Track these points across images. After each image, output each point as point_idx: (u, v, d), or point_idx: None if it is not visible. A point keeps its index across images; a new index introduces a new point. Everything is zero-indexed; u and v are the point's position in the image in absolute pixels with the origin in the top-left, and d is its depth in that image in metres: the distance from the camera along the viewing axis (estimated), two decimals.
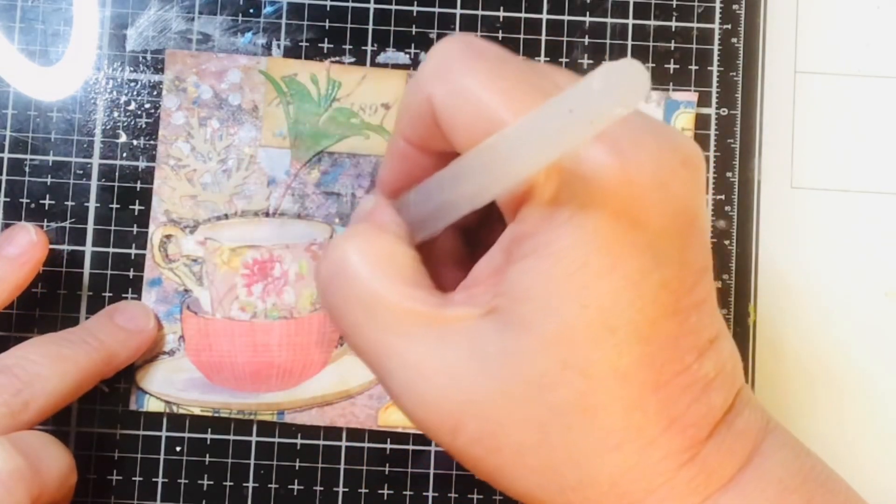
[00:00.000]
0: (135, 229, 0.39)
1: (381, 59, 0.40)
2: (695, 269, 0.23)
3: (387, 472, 0.39)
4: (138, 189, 0.39)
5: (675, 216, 0.23)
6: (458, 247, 0.28)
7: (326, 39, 0.40)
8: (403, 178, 0.27)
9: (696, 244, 0.23)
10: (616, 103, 0.19)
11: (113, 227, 0.39)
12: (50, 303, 0.39)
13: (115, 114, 0.40)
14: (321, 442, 0.39)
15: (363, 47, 0.40)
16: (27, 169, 0.39)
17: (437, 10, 0.40)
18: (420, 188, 0.26)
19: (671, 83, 0.40)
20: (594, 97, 0.20)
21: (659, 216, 0.22)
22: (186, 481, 0.39)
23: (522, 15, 0.41)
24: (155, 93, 0.40)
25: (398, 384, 0.24)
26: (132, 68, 0.40)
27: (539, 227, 0.22)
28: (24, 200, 0.39)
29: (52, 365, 0.34)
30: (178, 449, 0.39)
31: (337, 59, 0.40)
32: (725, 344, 0.24)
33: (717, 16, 0.41)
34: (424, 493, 0.39)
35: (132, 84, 0.40)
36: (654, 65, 0.41)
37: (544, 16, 0.41)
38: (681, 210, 0.23)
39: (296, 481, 0.39)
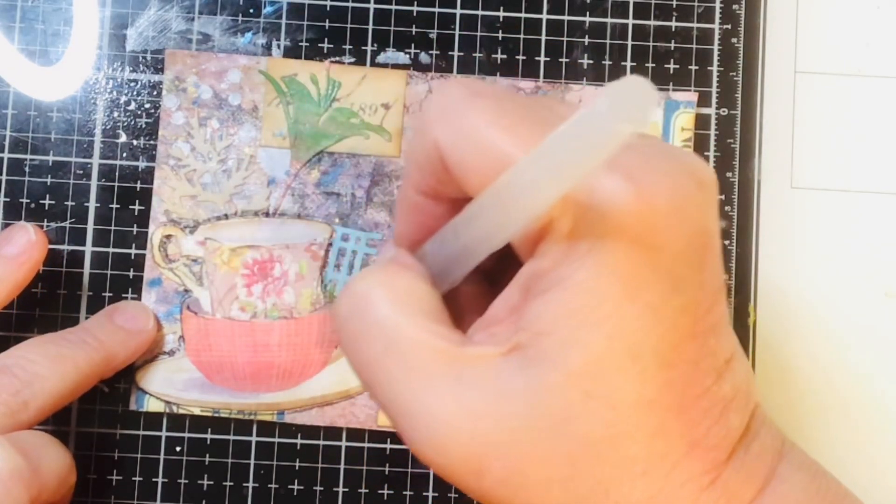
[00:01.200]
0: (135, 229, 0.39)
1: (381, 59, 0.40)
2: (711, 291, 0.23)
3: (387, 472, 0.39)
4: (138, 189, 0.39)
5: (692, 239, 0.23)
6: (484, 293, 0.28)
7: (326, 39, 0.40)
8: (419, 231, 0.27)
9: (712, 266, 0.23)
10: (624, 122, 0.19)
11: (113, 227, 0.39)
12: (50, 303, 0.39)
13: (115, 114, 0.40)
14: (321, 442, 0.39)
15: (363, 47, 0.40)
16: (27, 169, 0.39)
17: (437, 10, 0.40)
18: (436, 237, 0.26)
19: (671, 83, 0.40)
20: (603, 119, 0.19)
21: (676, 241, 0.22)
22: (186, 481, 0.39)
23: (522, 15, 0.41)
24: (155, 93, 0.40)
25: (416, 427, 0.23)
26: (132, 68, 0.40)
27: (558, 261, 0.22)
28: (24, 200, 0.39)
29: (52, 365, 0.34)
30: (178, 449, 0.39)
31: (337, 59, 0.40)
32: (740, 364, 0.24)
33: (717, 16, 0.41)
34: (424, 493, 0.39)
35: (132, 84, 0.40)
36: (654, 65, 0.41)
37: (544, 16, 0.41)
38: (697, 233, 0.23)
39: (296, 481, 0.39)
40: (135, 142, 0.40)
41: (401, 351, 0.24)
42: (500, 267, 0.27)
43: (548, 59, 0.40)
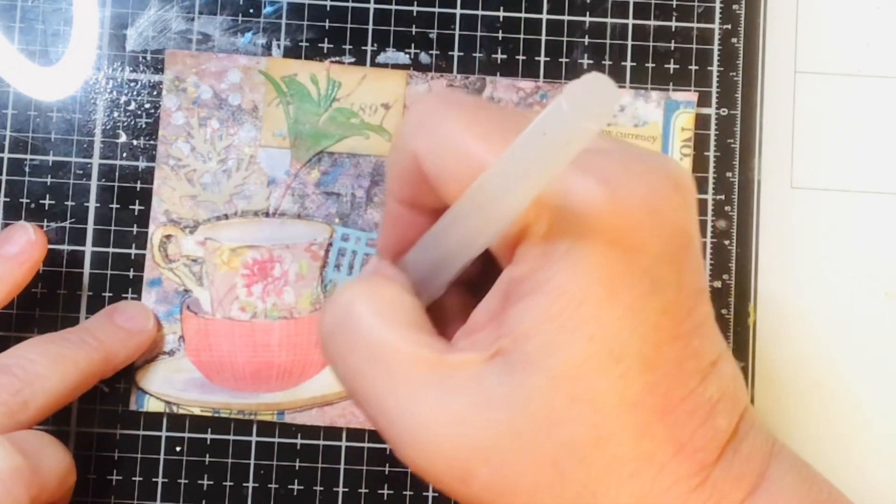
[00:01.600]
0: (135, 229, 0.39)
1: (381, 59, 0.40)
2: (692, 292, 0.23)
3: (387, 472, 0.39)
4: (138, 189, 0.39)
5: (670, 240, 0.23)
6: (467, 303, 0.28)
7: (326, 39, 0.40)
8: (401, 241, 0.27)
9: (692, 267, 0.23)
10: (586, 119, 0.19)
11: (113, 227, 0.39)
12: (50, 303, 0.39)
13: (115, 114, 0.40)
14: (321, 442, 0.39)
15: (363, 47, 0.40)
16: (27, 169, 0.39)
17: (437, 10, 0.40)
18: (417, 247, 0.26)
19: (671, 83, 0.40)
20: (564, 117, 0.20)
21: (654, 242, 0.22)
22: (186, 481, 0.39)
23: (522, 15, 0.41)
24: (155, 93, 0.40)
25: (402, 435, 0.23)
26: (132, 68, 0.40)
27: (536, 265, 0.22)
28: (24, 200, 0.39)
29: (52, 364, 0.34)
30: (178, 449, 0.39)
31: (337, 59, 0.40)
32: (727, 366, 0.24)
33: (717, 16, 0.41)
34: (424, 494, 0.39)
35: (132, 84, 0.40)
36: (654, 65, 0.41)
37: (544, 16, 0.41)
38: (675, 234, 0.23)
39: (296, 481, 0.39)
40: (135, 142, 0.40)
41: (385, 360, 0.24)
42: (484, 277, 0.27)
43: (548, 59, 0.40)
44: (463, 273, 0.25)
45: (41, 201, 0.39)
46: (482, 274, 0.27)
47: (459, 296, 0.28)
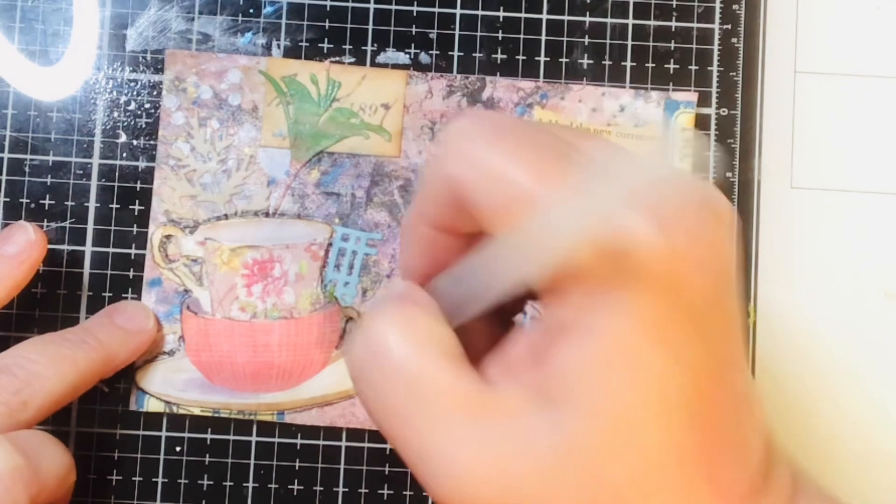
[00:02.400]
0: (135, 229, 0.39)
1: (381, 59, 0.40)
2: (734, 332, 0.23)
3: (387, 472, 0.39)
4: (138, 189, 0.39)
5: (716, 280, 0.22)
6: (492, 322, 0.27)
7: (326, 39, 0.40)
8: (430, 264, 0.26)
9: (733, 304, 0.23)
10: (651, 165, 0.20)
11: (113, 227, 0.39)
12: (50, 303, 0.39)
13: (115, 114, 0.40)
14: (321, 442, 0.39)
15: (363, 47, 0.40)
16: (27, 169, 0.39)
17: (437, 10, 0.40)
18: (450, 274, 0.25)
19: (671, 83, 0.40)
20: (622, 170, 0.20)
21: (700, 282, 0.22)
22: (186, 481, 0.39)
23: (522, 15, 0.41)
24: (155, 93, 0.40)
25: (437, 475, 0.23)
26: (132, 68, 0.40)
27: (584, 306, 0.22)
28: (24, 200, 0.39)
29: (51, 364, 0.34)
30: (178, 449, 0.39)
31: (337, 59, 0.40)
32: (756, 399, 0.24)
33: (717, 16, 0.41)
34: (424, 494, 0.39)
35: (132, 84, 0.40)
36: (654, 65, 0.41)
37: (544, 16, 0.41)
38: (720, 272, 0.23)
39: (296, 481, 0.39)
40: (135, 142, 0.40)
41: (423, 396, 0.23)
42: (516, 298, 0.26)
43: (548, 59, 0.40)
44: None
45: (41, 201, 0.39)
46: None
47: (482, 316, 0.27)
